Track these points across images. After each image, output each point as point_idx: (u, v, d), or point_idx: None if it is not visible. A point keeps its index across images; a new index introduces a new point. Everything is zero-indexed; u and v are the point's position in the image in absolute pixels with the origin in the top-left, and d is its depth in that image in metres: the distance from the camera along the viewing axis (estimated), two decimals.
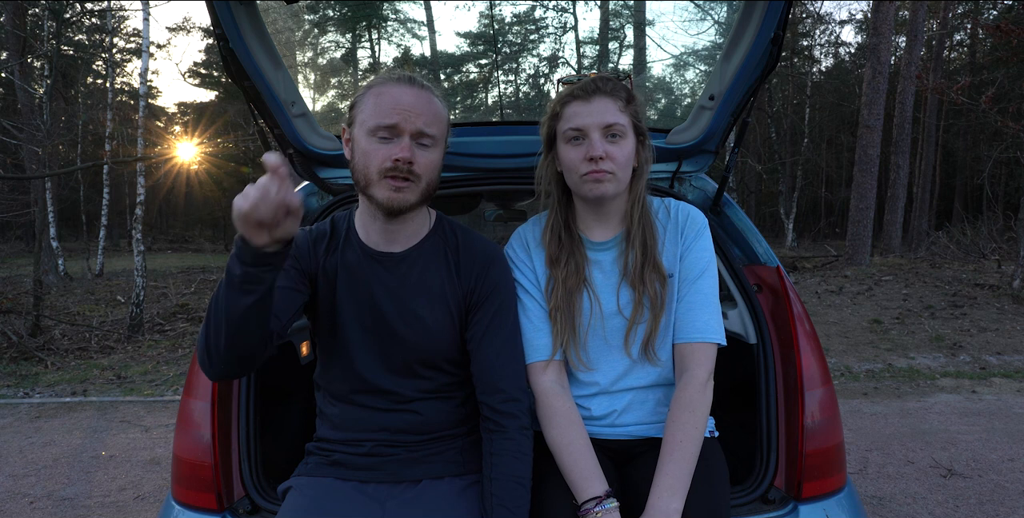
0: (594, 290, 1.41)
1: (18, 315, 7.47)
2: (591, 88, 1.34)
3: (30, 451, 3.95)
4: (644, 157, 1.40)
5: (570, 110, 1.35)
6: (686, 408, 1.29)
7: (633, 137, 1.36)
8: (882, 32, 11.46)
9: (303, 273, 1.34)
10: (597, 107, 1.32)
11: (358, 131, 1.28)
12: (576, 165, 1.33)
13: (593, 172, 1.31)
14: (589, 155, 1.31)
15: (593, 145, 1.31)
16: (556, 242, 1.42)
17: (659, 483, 1.23)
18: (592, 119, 1.31)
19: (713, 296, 1.39)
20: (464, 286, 1.38)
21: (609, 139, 1.32)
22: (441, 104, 1.32)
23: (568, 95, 1.36)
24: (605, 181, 1.32)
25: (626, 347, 1.40)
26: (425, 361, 1.36)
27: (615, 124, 1.32)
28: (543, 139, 1.44)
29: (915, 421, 4.23)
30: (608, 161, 1.31)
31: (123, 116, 18.52)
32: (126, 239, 24.46)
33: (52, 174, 9.90)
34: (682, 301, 1.39)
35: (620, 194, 1.38)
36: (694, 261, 1.40)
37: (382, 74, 1.32)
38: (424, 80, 1.32)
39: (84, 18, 19.14)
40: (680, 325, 1.38)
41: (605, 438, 1.43)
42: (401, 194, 1.26)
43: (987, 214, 14.48)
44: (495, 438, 1.29)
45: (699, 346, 1.35)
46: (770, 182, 22.51)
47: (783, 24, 1.44)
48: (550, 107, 1.40)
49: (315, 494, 1.30)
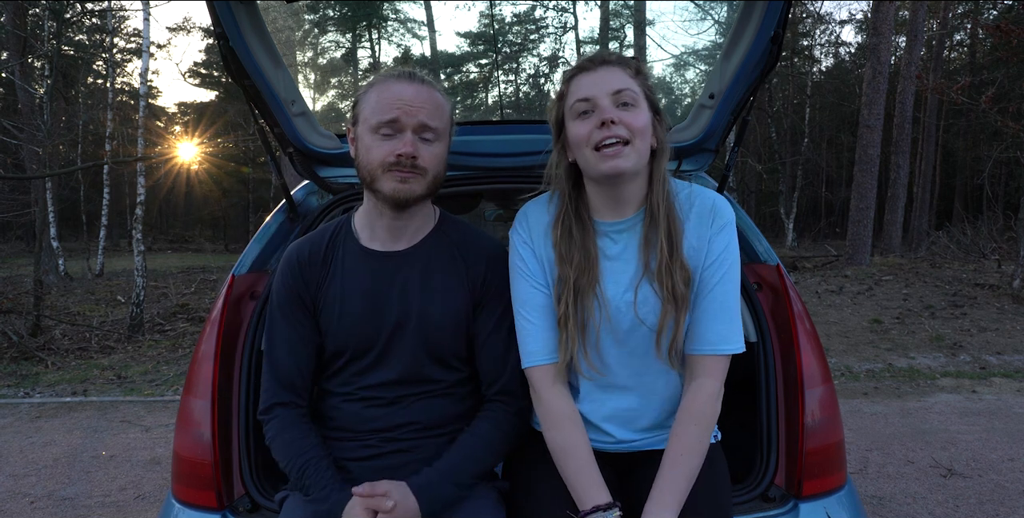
0: (604, 285, 1.28)
1: (18, 315, 7.47)
2: (597, 59, 1.25)
3: (30, 451, 3.95)
4: (663, 136, 1.27)
5: (576, 83, 1.24)
6: (692, 420, 1.23)
7: (648, 110, 1.24)
8: (882, 32, 11.46)
9: (305, 306, 1.37)
10: (604, 75, 1.22)
11: (362, 128, 1.30)
12: (587, 137, 1.20)
13: (607, 140, 1.18)
14: (600, 119, 1.18)
15: (603, 110, 1.19)
16: (567, 236, 1.29)
17: (654, 495, 1.19)
18: (600, 87, 1.21)
19: (732, 301, 1.26)
20: (472, 282, 1.38)
21: (621, 107, 1.21)
22: (443, 98, 1.33)
23: (574, 69, 1.27)
24: (621, 154, 1.18)
25: (656, 349, 1.28)
26: (433, 357, 1.36)
27: (625, 89, 1.21)
28: (552, 125, 1.33)
29: (915, 421, 4.23)
30: (621, 126, 1.18)
31: (123, 116, 18.52)
32: (126, 239, 24.45)
33: (52, 174, 9.91)
34: (697, 308, 1.26)
35: (639, 173, 1.25)
36: (716, 264, 1.26)
37: (384, 71, 1.34)
38: (425, 75, 1.33)
39: (84, 18, 19.14)
40: (694, 334, 1.26)
41: (607, 451, 1.37)
42: (407, 185, 1.27)
43: (987, 214, 14.47)
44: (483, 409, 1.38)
45: (710, 359, 1.25)
46: (770, 182, 22.51)
47: (783, 23, 1.44)
48: (557, 92, 1.30)
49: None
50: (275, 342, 1.36)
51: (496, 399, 1.38)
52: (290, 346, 1.35)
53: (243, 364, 1.59)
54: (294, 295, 1.36)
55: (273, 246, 1.84)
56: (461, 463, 1.28)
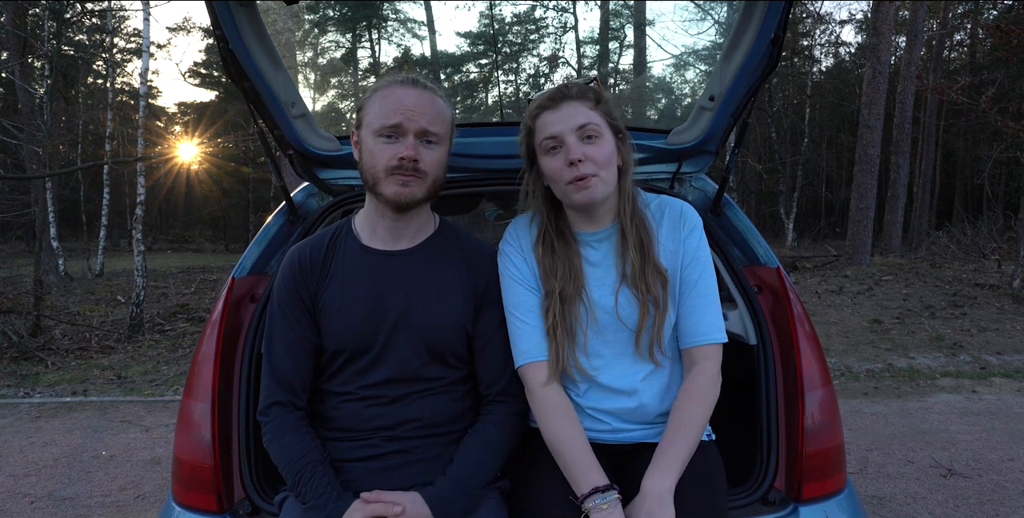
0: (589, 289, 1.39)
1: (18, 315, 7.47)
2: (557, 96, 1.35)
3: (30, 451, 3.95)
4: (627, 155, 1.39)
5: (541, 121, 1.35)
6: (694, 397, 1.31)
7: (611, 136, 1.35)
8: (882, 32, 11.46)
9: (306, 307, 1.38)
10: (566, 112, 1.32)
11: (365, 133, 1.34)
12: (559, 174, 1.32)
13: (577, 178, 1.30)
14: (568, 159, 1.30)
15: (571, 149, 1.30)
16: (549, 252, 1.40)
17: (656, 462, 1.24)
18: (564, 124, 1.31)
19: (714, 295, 1.39)
20: (473, 284, 1.41)
21: (586, 141, 1.31)
22: (445, 104, 1.37)
23: (537, 107, 1.36)
24: (591, 186, 1.30)
25: (635, 348, 1.38)
26: (432, 355, 1.37)
27: (587, 124, 1.31)
28: (524, 157, 1.44)
29: (915, 421, 4.23)
30: (589, 163, 1.30)
31: (123, 116, 18.52)
32: (126, 239, 24.45)
33: (52, 174, 9.91)
34: (684, 305, 1.38)
35: (609, 196, 1.37)
36: (693, 263, 1.39)
37: (387, 77, 1.37)
38: (428, 81, 1.36)
39: (84, 18, 19.14)
40: (685, 329, 1.38)
41: (603, 442, 1.41)
42: (408, 188, 1.31)
43: (987, 214, 14.47)
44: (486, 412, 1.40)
45: (706, 347, 1.36)
46: (770, 182, 22.51)
47: (783, 24, 1.44)
48: (523, 124, 1.40)
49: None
50: (274, 343, 1.37)
51: (498, 400, 1.40)
52: (289, 347, 1.36)
53: (243, 367, 1.59)
54: (295, 296, 1.38)
55: (273, 248, 1.84)
56: (473, 471, 1.31)
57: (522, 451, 1.42)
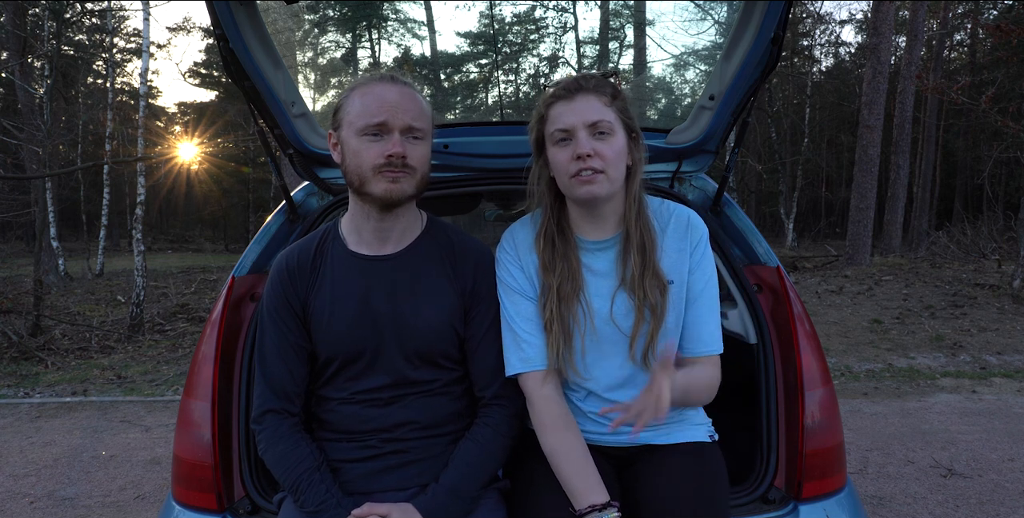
0: (588, 296, 1.36)
1: (18, 315, 7.47)
2: (573, 87, 1.30)
3: (30, 451, 3.95)
4: (637, 155, 1.35)
5: (554, 111, 1.31)
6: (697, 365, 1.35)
7: (623, 134, 1.32)
8: (882, 32, 11.46)
9: (296, 313, 1.37)
10: (581, 105, 1.29)
11: (346, 132, 1.30)
12: (565, 166, 1.29)
13: (582, 172, 1.27)
14: (576, 153, 1.26)
15: (580, 143, 1.27)
16: (550, 247, 1.37)
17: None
18: (577, 118, 1.28)
19: (716, 306, 1.39)
20: (462, 284, 1.39)
21: (597, 137, 1.28)
22: (423, 99, 1.34)
23: (551, 96, 1.33)
24: (596, 182, 1.27)
25: (629, 354, 1.36)
26: (424, 360, 1.36)
27: (600, 121, 1.28)
28: (532, 144, 1.41)
29: (915, 421, 4.23)
30: (597, 158, 1.26)
31: (123, 116, 18.53)
32: (126, 239, 24.44)
33: (52, 174, 9.91)
34: (689, 312, 1.37)
35: (614, 195, 1.34)
36: (700, 274, 1.37)
37: (363, 76, 1.34)
38: (404, 77, 1.33)
39: (84, 18, 19.15)
40: (690, 337, 1.37)
41: (605, 445, 1.41)
42: (398, 185, 1.28)
43: (987, 214, 14.48)
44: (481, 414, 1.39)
45: (704, 358, 1.37)
46: (770, 182, 22.50)
47: (783, 24, 1.44)
48: (536, 111, 1.37)
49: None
50: (266, 349, 1.36)
51: (493, 403, 1.38)
52: (281, 353, 1.35)
53: (243, 366, 1.59)
54: (284, 303, 1.36)
55: (273, 247, 1.84)
56: (467, 476, 1.30)
57: (523, 453, 1.41)
